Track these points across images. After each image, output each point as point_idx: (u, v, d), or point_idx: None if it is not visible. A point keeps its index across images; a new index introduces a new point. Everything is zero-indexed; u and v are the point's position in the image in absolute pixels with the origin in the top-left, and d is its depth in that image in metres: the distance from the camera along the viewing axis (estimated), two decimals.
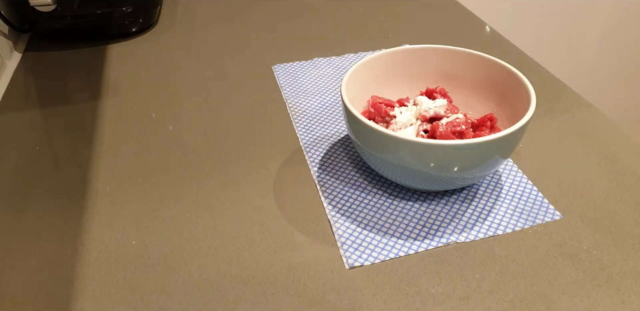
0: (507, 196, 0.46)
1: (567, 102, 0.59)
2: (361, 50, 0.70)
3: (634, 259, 0.40)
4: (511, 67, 0.46)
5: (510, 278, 0.39)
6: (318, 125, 0.56)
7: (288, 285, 0.39)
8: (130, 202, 0.47)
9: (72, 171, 0.51)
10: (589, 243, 0.41)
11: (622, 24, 1.44)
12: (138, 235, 0.44)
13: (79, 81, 0.67)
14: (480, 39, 0.72)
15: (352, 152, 0.52)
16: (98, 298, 0.39)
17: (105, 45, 0.74)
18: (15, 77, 0.67)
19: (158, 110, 0.60)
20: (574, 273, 0.39)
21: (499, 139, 0.38)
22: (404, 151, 0.40)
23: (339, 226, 0.44)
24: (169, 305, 0.38)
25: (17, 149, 0.54)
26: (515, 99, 0.45)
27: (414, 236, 0.42)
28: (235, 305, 0.38)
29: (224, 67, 0.68)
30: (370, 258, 0.41)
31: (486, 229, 0.43)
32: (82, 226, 0.45)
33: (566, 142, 0.52)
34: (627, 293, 0.37)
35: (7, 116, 0.60)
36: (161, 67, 0.69)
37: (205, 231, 0.44)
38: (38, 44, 0.75)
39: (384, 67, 0.51)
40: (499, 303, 0.37)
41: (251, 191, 0.48)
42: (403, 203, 0.46)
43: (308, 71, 0.66)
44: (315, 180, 0.48)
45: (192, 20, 0.80)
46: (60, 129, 0.57)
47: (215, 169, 0.51)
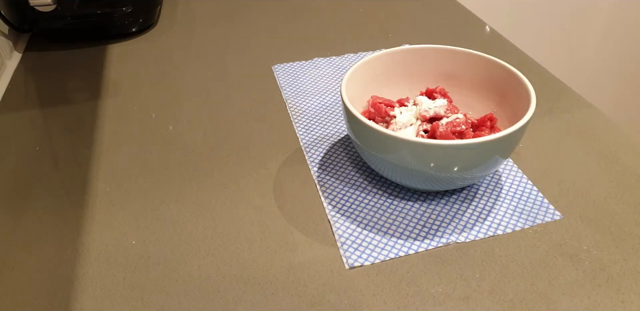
0: (507, 196, 0.46)
1: (567, 102, 0.59)
2: (361, 51, 0.70)
3: (634, 259, 0.40)
4: (511, 67, 0.46)
5: (510, 278, 0.39)
6: (318, 125, 0.56)
7: (288, 285, 0.39)
8: (130, 202, 0.47)
9: (72, 171, 0.51)
10: (589, 243, 0.41)
11: (622, 24, 1.44)
12: (138, 235, 0.44)
13: (79, 81, 0.67)
14: (480, 39, 0.72)
15: (352, 152, 0.52)
16: (98, 298, 0.39)
17: (105, 45, 0.74)
18: (15, 77, 0.67)
19: (158, 110, 0.60)
20: (574, 273, 0.39)
21: (499, 139, 0.38)
22: (404, 151, 0.40)
23: (339, 226, 0.44)
24: (169, 305, 0.38)
25: (17, 149, 0.54)
26: (515, 99, 0.45)
27: (414, 236, 0.42)
28: (235, 305, 0.38)
29: (224, 67, 0.68)
30: (370, 258, 0.41)
31: (486, 229, 0.43)
32: (82, 226, 0.45)
33: (566, 142, 0.52)
34: (627, 293, 0.37)
35: (7, 116, 0.60)
36: (161, 67, 0.69)
37: (205, 231, 0.44)
38: (38, 44, 0.75)
39: (384, 67, 0.51)
40: (499, 303, 0.37)
41: (251, 191, 0.48)
42: (403, 203, 0.46)
43: (308, 71, 0.66)
44: (315, 180, 0.48)
45: (192, 20, 0.80)
46: (60, 129, 0.57)
47: (215, 169, 0.51)
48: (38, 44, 0.75)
